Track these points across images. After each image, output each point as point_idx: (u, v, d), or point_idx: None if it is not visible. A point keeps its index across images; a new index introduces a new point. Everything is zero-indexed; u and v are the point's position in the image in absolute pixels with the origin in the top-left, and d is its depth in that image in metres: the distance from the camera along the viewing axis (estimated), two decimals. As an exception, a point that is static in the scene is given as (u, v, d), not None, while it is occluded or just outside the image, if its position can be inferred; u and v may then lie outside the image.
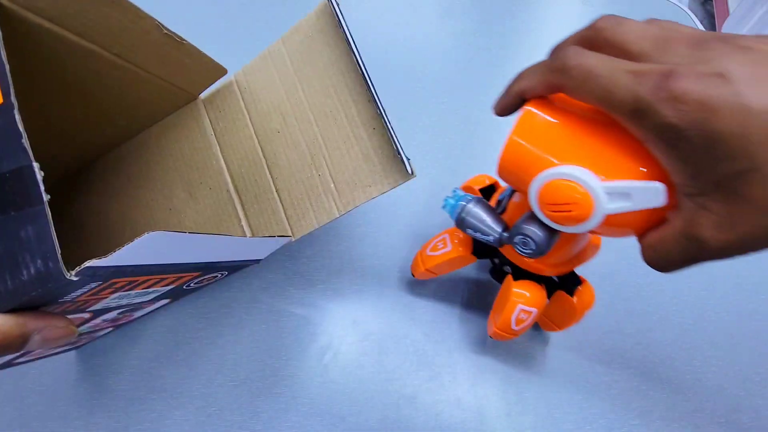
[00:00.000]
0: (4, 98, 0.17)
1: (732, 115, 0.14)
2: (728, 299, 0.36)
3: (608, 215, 0.18)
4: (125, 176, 0.35)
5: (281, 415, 0.31)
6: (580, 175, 0.18)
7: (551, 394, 0.32)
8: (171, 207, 0.34)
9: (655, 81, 0.15)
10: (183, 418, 0.31)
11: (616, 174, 0.18)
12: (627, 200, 0.18)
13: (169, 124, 0.34)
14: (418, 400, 0.31)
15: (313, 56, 0.28)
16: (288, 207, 0.30)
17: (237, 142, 0.32)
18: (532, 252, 0.22)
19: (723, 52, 0.15)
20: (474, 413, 0.31)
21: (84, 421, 0.31)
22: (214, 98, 0.32)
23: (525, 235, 0.22)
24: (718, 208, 0.15)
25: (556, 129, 0.19)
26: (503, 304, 0.28)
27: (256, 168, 0.31)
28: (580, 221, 0.19)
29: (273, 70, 0.30)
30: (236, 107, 0.31)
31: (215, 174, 0.33)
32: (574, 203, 0.18)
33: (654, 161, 0.17)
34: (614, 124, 0.17)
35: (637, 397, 0.31)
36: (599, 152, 0.18)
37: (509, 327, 0.27)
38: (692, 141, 0.15)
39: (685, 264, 0.17)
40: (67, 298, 0.17)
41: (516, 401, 0.31)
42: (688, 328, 0.33)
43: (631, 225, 0.19)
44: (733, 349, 0.34)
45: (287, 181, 0.30)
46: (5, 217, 0.16)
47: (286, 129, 0.30)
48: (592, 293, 0.29)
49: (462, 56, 0.51)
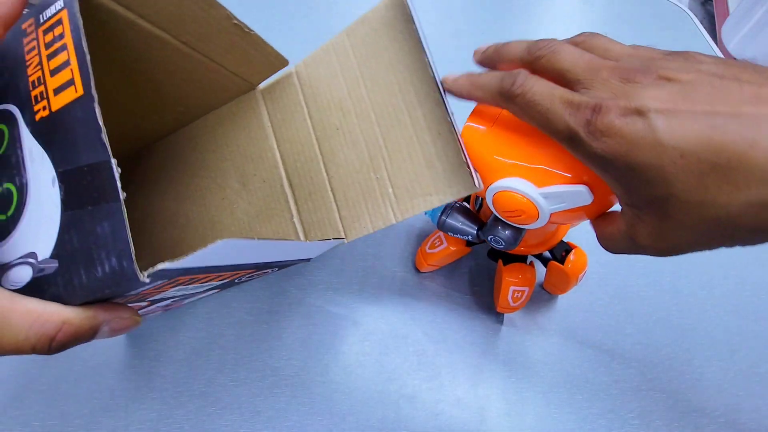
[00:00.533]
0: (84, 90, 0.17)
1: (648, 148, 0.16)
2: (728, 299, 0.36)
3: (554, 213, 0.22)
4: (181, 163, 0.35)
5: (281, 415, 0.31)
6: (520, 186, 0.21)
7: (551, 394, 0.32)
8: (224, 197, 0.34)
9: (585, 115, 0.17)
10: (183, 418, 0.31)
11: (548, 181, 0.21)
12: (561, 201, 0.21)
13: (226, 112, 0.33)
14: (418, 400, 0.31)
15: (378, 51, 0.26)
16: (342, 207, 0.29)
17: (294, 136, 0.30)
18: (504, 247, 0.26)
19: (644, 85, 0.17)
20: (474, 413, 0.31)
21: (84, 421, 0.31)
22: (273, 89, 0.31)
23: (494, 235, 0.26)
24: (651, 221, 0.18)
25: (494, 142, 0.22)
26: (499, 287, 0.32)
27: (312, 164, 0.30)
28: (531, 221, 0.22)
29: (335, 63, 0.28)
30: (295, 100, 0.30)
31: (270, 167, 0.32)
32: (521, 209, 0.22)
33: (579, 167, 0.20)
34: (544, 137, 0.20)
35: (638, 398, 0.31)
36: (533, 162, 0.21)
37: (508, 305, 0.31)
38: (619, 169, 0.17)
39: (631, 253, 0.21)
40: (132, 293, 0.17)
41: (516, 401, 0.31)
42: (688, 328, 0.33)
43: (578, 217, 0.22)
44: (733, 349, 0.34)
45: (343, 180, 0.29)
46: (83, 212, 0.16)
47: (345, 126, 0.28)
48: (583, 258, 0.31)
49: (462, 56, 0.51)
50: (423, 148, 0.25)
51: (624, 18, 0.57)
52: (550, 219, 0.22)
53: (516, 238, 0.26)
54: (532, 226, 0.23)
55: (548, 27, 0.56)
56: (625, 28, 0.56)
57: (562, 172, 0.21)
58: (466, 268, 0.37)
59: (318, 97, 0.29)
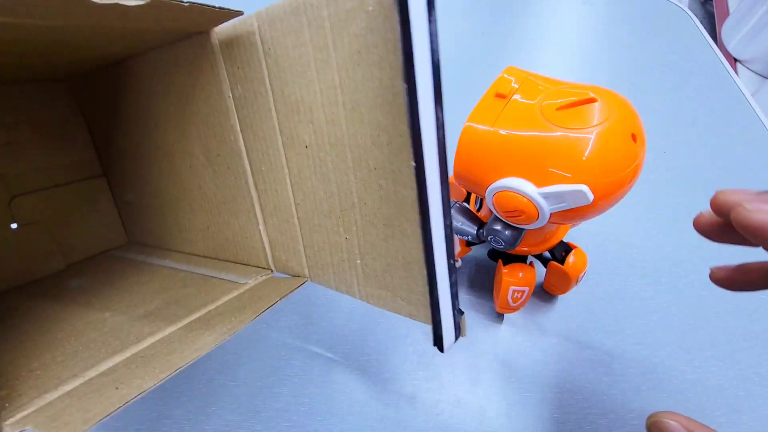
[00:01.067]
0: None
1: None
2: (728, 299, 0.36)
3: (554, 213, 0.22)
4: (142, 104, 0.30)
5: (281, 415, 0.31)
6: (520, 186, 0.21)
7: (552, 394, 0.32)
8: (191, 164, 0.29)
9: None
10: (183, 418, 0.31)
11: (548, 181, 0.21)
12: (561, 201, 0.21)
13: (176, 54, 0.25)
14: (418, 400, 0.31)
15: (367, 51, 0.17)
16: (307, 246, 0.25)
17: (258, 127, 0.24)
18: (504, 247, 0.27)
19: None
20: (474, 413, 0.31)
21: (84, 421, 0.31)
22: (231, 44, 0.23)
23: (494, 235, 0.26)
24: None
25: (494, 142, 0.22)
26: (499, 287, 0.31)
27: (278, 175, 0.24)
28: (531, 221, 0.22)
29: (307, 39, 0.19)
30: (258, 73, 0.22)
31: (233, 154, 0.26)
32: (521, 209, 0.22)
33: (579, 166, 0.20)
34: (544, 137, 0.20)
35: (638, 398, 0.31)
36: (533, 162, 0.21)
37: (508, 305, 0.31)
38: None
39: None
40: None
41: (516, 401, 0.31)
42: (688, 328, 0.33)
43: (579, 217, 0.23)
44: (734, 349, 0.34)
45: (309, 216, 0.24)
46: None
47: (316, 150, 0.21)
48: (583, 258, 0.31)
49: (462, 56, 0.51)
50: (404, 240, 0.19)
51: (624, 18, 0.57)
52: (550, 219, 0.22)
53: (516, 238, 0.26)
54: (532, 226, 0.24)
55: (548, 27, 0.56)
56: (625, 27, 0.56)
57: (562, 172, 0.21)
58: (466, 268, 0.37)
59: (284, 84, 0.21)
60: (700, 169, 0.44)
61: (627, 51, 0.53)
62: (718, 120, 0.48)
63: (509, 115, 0.22)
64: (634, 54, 0.52)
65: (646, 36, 0.55)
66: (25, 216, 0.33)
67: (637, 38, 0.54)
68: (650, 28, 0.56)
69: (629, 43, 0.54)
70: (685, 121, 0.47)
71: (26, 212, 0.33)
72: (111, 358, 0.21)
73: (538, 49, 0.53)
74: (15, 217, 0.33)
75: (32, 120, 0.33)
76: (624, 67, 0.51)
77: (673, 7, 0.59)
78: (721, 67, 0.52)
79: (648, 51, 0.53)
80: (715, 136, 0.46)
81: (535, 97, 0.22)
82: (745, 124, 0.47)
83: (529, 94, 0.23)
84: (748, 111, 0.49)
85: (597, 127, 0.20)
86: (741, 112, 0.48)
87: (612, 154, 0.21)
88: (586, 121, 0.21)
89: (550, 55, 0.52)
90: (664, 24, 0.56)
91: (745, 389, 0.32)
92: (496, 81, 0.24)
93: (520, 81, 0.24)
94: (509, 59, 0.52)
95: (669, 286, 0.36)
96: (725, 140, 0.46)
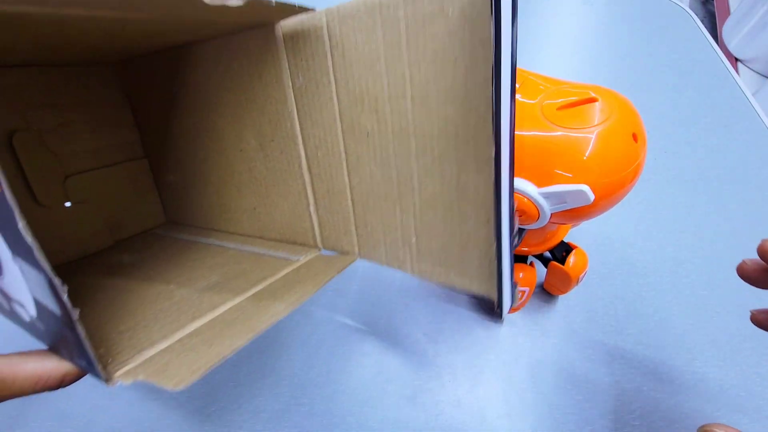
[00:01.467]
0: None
1: None
2: (728, 299, 0.36)
3: (554, 213, 0.22)
4: (196, 89, 0.30)
5: (281, 415, 0.31)
6: (520, 186, 0.21)
7: (552, 395, 0.32)
8: (241, 148, 0.30)
9: None
10: (183, 418, 0.31)
11: (549, 181, 0.21)
12: (562, 201, 0.21)
13: (239, 44, 0.26)
14: (418, 400, 0.31)
15: (443, 53, 0.19)
16: (360, 225, 0.26)
17: (317, 116, 0.25)
18: None
19: None
20: (474, 414, 0.31)
21: (83, 421, 0.31)
22: (296, 38, 0.24)
23: None
24: None
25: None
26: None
27: (334, 160, 0.25)
28: (532, 221, 0.23)
29: (379, 35, 0.21)
30: (322, 65, 0.24)
31: (288, 139, 0.27)
32: (521, 209, 0.22)
33: (580, 166, 0.20)
34: (544, 137, 0.20)
35: (639, 398, 0.31)
36: (534, 162, 0.21)
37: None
38: None
39: None
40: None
41: (517, 402, 0.31)
42: (689, 328, 0.33)
43: (579, 217, 0.23)
44: (734, 350, 0.34)
45: (365, 198, 0.25)
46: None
47: (378, 138, 0.23)
48: (584, 258, 0.31)
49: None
50: (462, 223, 0.21)
51: (624, 17, 0.56)
52: (551, 219, 0.22)
53: (518, 237, 0.26)
54: (533, 226, 0.24)
55: (549, 27, 0.56)
56: (626, 27, 0.56)
57: (563, 172, 0.21)
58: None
59: (350, 76, 0.23)
60: (701, 168, 0.44)
61: (627, 51, 0.53)
62: (719, 120, 0.48)
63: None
64: (634, 54, 0.52)
65: (646, 35, 0.55)
66: (77, 195, 0.34)
67: (637, 38, 0.54)
68: (651, 28, 0.56)
69: (629, 43, 0.54)
70: (685, 121, 0.47)
71: (78, 191, 0.34)
72: (193, 323, 0.22)
73: (538, 49, 0.53)
74: (69, 195, 0.34)
75: (82, 102, 0.34)
76: (624, 66, 0.51)
77: (674, 7, 0.59)
78: (721, 67, 0.52)
79: (648, 50, 0.53)
80: (716, 135, 0.46)
81: (535, 96, 0.22)
82: (745, 124, 0.47)
83: (529, 93, 0.23)
84: (749, 111, 0.48)
85: (598, 126, 0.20)
86: (742, 111, 0.48)
87: (613, 154, 0.21)
88: (587, 121, 0.21)
89: (550, 55, 0.52)
90: (665, 23, 0.56)
91: (746, 389, 0.32)
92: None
93: (520, 81, 0.24)
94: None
95: (670, 287, 0.36)
96: (726, 140, 0.46)
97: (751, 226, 0.40)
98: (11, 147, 0.31)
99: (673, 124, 0.47)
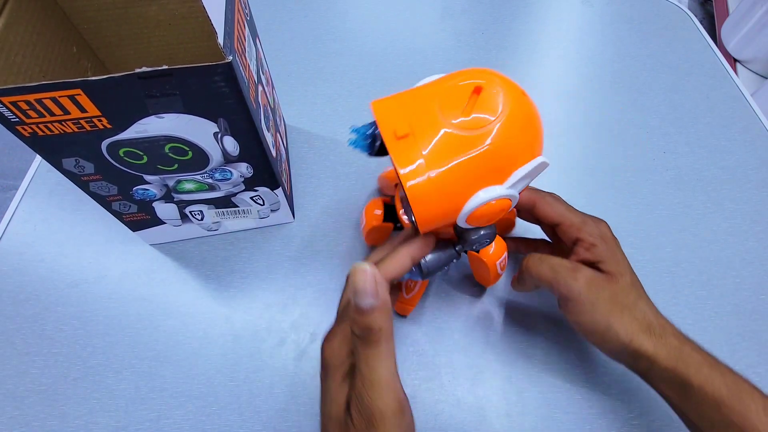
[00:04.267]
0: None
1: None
2: (728, 299, 0.36)
3: (521, 192, 0.23)
4: None
5: (281, 415, 0.31)
6: (490, 194, 0.21)
7: (551, 395, 0.32)
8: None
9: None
10: (183, 418, 0.31)
11: (506, 176, 0.22)
12: (528, 179, 0.22)
13: None
14: (418, 400, 0.31)
15: None
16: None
17: None
18: (489, 242, 0.28)
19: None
20: (474, 413, 0.31)
21: (84, 421, 0.31)
22: None
23: (480, 242, 0.27)
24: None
25: (443, 183, 0.21)
26: (485, 269, 0.32)
27: None
28: (507, 210, 0.23)
29: None
30: None
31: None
32: (501, 208, 0.22)
33: (529, 148, 0.22)
34: (482, 148, 0.21)
35: (638, 398, 0.31)
36: (486, 170, 0.22)
37: (498, 275, 0.33)
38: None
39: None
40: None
41: (516, 401, 0.31)
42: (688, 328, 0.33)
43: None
44: (733, 349, 0.34)
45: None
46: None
47: None
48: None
49: (462, 56, 0.51)
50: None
51: (624, 18, 0.57)
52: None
53: (495, 230, 0.27)
54: None
55: (548, 27, 0.56)
56: (625, 27, 0.56)
57: (513, 160, 0.22)
58: (466, 268, 0.37)
59: None
60: (700, 169, 0.44)
61: (627, 51, 0.53)
62: (718, 120, 0.48)
63: (434, 151, 0.21)
64: (634, 54, 0.52)
65: (645, 36, 0.55)
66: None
67: (636, 38, 0.54)
68: (650, 28, 0.56)
69: (629, 43, 0.54)
70: (684, 121, 0.47)
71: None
72: None
73: (538, 49, 0.53)
74: None
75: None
76: (624, 67, 0.51)
77: (673, 8, 0.59)
78: (720, 67, 0.52)
79: (648, 51, 0.53)
80: (715, 136, 0.46)
81: (435, 120, 0.21)
82: (744, 124, 0.47)
83: (424, 121, 0.22)
84: (748, 111, 0.49)
85: (506, 106, 0.21)
86: (740, 112, 0.48)
87: (537, 119, 0.22)
88: (494, 107, 0.21)
89: (550, 55, 0.52)
90: (664, 24, 0.56)
91: (744, 389, 0.32)
92: (381, 124, 0.22)
93: (396, 110, 0.22)
94: (509, 59, 0.52)
95: (669, 286, 0.36)
96: (725, 140, 0.46)
97: (750, 226, 0.40)
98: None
99: (672, 125, 0.47)
